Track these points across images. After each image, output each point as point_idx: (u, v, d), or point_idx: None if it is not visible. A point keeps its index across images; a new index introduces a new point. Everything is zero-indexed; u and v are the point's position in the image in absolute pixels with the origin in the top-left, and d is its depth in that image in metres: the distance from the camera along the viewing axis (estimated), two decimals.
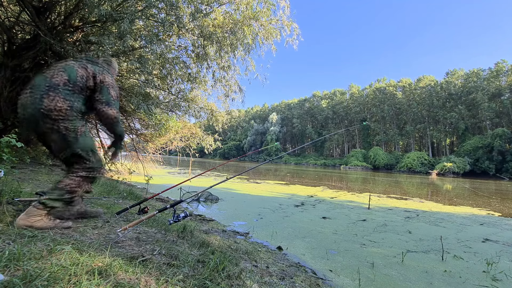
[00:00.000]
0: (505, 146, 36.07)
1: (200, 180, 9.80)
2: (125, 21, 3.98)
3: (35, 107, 1.52)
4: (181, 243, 1.87)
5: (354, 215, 5.18)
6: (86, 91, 1.72)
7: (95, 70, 1.75)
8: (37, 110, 1.52)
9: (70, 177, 1.65)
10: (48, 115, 1.53)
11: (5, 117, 4.60)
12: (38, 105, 1.52)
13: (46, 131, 1.57)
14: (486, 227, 4.81)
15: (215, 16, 5.49)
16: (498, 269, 2.66)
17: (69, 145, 1.63)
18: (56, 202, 1.60)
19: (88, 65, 1.76)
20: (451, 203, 8.19)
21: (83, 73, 1.70)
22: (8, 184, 2.40)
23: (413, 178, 24.39)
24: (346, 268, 2.47)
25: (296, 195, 7.88)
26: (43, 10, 4.45)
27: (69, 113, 1.60)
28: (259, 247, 2.75)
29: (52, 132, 1.58)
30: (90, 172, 1.71)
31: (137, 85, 6.13)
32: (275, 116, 77.33)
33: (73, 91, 1.64)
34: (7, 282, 0.88)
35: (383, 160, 47.61)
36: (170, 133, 8.91)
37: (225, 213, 4.66)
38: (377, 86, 60.93)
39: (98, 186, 4.09)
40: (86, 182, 1.72)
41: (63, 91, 1.59)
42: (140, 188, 6.02)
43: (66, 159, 1.70)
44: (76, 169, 1.68)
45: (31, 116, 1.53)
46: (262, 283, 1.62)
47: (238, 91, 6.88)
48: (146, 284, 1.10)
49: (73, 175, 1.66)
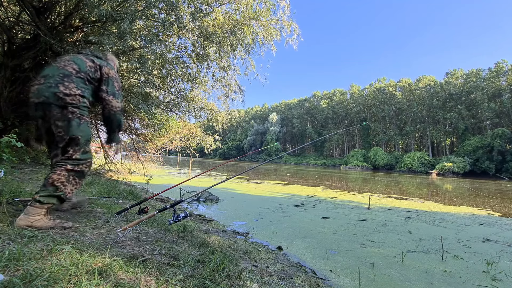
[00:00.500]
0: (505, 146, 36.07)
1: (200, 180, 9.80)
2: (125, 21, 3.98)
3: (52, 91, 1.61)
4: (181, 243, 1.87)
5: (354, 215, 5.18)
6: (94, 83, 1.82)
7: (101, 63, 1.87)
8: (53, 94, 1.61)
9: (57, 172, 1.62)
10: (63, 99, 1.62)
11: (5, 117, 4.60)
12: (54, 90, 1.61)
13: (55, 115, 1.63)
14: (486, 227, 4.81)
15: (215, 16, 5.49)
16: (498, 269, 2.66)
17: (70, 129, 1.66)
18: (51, 198, 1.59)
19: (94, 58, 1.87)
20: (451, 203, 8.19)
21: (91, 64, 1.81)
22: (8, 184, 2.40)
23: (413, 178, 24.39)
24: (346, 268, 2.47)
25: (296, 195, 7.88)
26: (43, 10, 4.45)
27: (81, 100, 1.70)
28: (259, 247, 2.75)
29: (61, 116, 1.64)
30: (76, 164, 1.67)
31: (137, 85, 6.13)
32: (275, 116, 77.33)
33: (83, 81, 1.75)
34: (7, 282, 0.88)
35: (383, 160, 47.61)
36: (170, 133, 8.91)
37: (225, 213, 4.66)
38: (377, 86, 60.93)
39: (98, 186, 4.09)
40: (74, 176, 1.67)
41: (76, 79, 1.70)
42: (140, 188, 6.02)
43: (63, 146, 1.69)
44: (61, 162, 1.65)
45: (46, 99, 1.60)
46: (262, 283, 1.62)
47: (238, 91, 6.88)
48: (146, 284, 1.10)
49: (58, 169, 1.63)
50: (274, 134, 72.10)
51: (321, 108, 68.97)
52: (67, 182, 1.63)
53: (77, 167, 1.68)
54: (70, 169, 1.65)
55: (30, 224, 1.50)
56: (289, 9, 5.70)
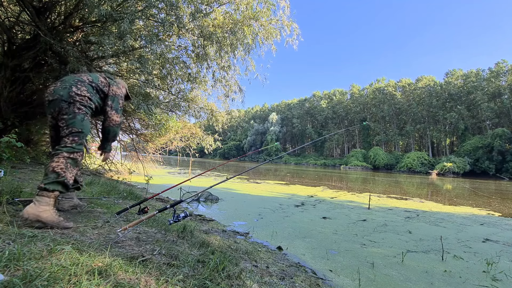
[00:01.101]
0: (505, 146, 36.07)
1: (200, 180, 9.80)
2: (125, 21, 3.97)
3: (67, 90, 1.88)
4: (181, 243, 1.87)
5: (354, 215, 5.18)
6: (101, 94, 2.12)
7: (110, 82, 2.20)
8: (67, 92, 1.87)
9: (55, 159, 1.75)
10: (73, 97, 1.88)
11: (5, 117, 4.60)
12: (68, 90, 1.89)
13: (64, 109, 1.85)
14: (486, 227, 4.81)
15: (215, 16, 5.48)
16: (498, 269, 2.66)
17: (74, 122, 1.85)
18: (56, 185, 1.70)
19: (106, 76, 2.23)
20: (451, 203, 8.19)
21: (103, 80, 2.16)
22: (8, 184, 2.40)
23: (413, 178, 24.39)
24: (346, 268, 2.47)
25: (296, 195, 7.88)
26: (43, 10, 4.44)
27: (88, 101, 1.97)
28: (259, 247, 2.75)
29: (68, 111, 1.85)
30: (71, 152, 1.81)
31: (137, 85, 6.12)
32: (275, 116, 77.32)
33: (93, 88, 2.05)
34: (7, 282, 0.88)
35: (383, 160, 47.61)
36: (170, 133, 8.90)
37: (225, 213, 4.66)
38: (377, 86, 60.92)
39: (98, 186, 4.09)
40: (70, 164, 1.80)
41: (87, 85, 2.00)
42: (140, 188, 6.02)
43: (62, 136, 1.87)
44: (58, 150, 1.79)
45: (59, 97, 1.85)
46: (262, 283, 1.62)
47: (238, 91, 6.87)
48: (146, 284, 1.10)
49: (55, 157, 1.76)
50: (274, 134, 72.10)
51: (321, 108, 68.96)
52: (66, 169, 1.75)
53: (72, 155, 1.81)
54: (67, 156, 1.78)
55: (38, 214, 1.57)
56: (289, 9, 5.70)
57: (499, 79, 44.73)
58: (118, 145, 9.75)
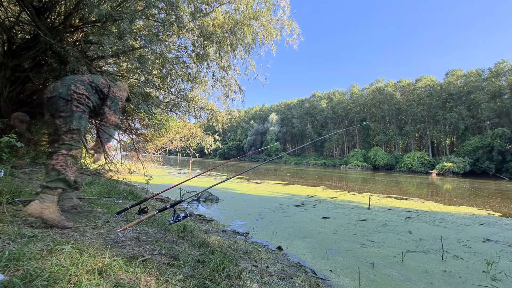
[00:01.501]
0: (505, 146, 36.04)
1: (200, 180, 9.80)
2: (125, 21, 3.98)
3: (67, 88, 1.93)
4: (181, 243, 1.87)
5: (354, 215, 5.18)
6: (100, 94, 2.18)
7: (111, 84, 2.27)
8: (66, 90, 1.92)
9: (54, 157, 1.80)
10: (71, 94, 1.92)
11: (5, 117, 4.60)
12: (68, 88, 1.94)
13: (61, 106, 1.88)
14: (486, 227, 4.80)
15: (215, 16, 5.48)
16: (498, 269, 2.66)
17: (72, 120, 1.89)
18: (58, 182, 1.73)
19: (107, 78, 2.29)
20: (451, 203, 8.19)
21: (103, 81, 2.22)
22: (8, 184, 2.40)
23: (413, 178, 24.39)
24: (346, 268, 2.47)
25: (296, 195, 7.88)
26: (43, 10, 4.44)
27: (86, 99, 2.02)
28: (259, 247, 2.75)
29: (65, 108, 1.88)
30: (70, 149, 1.86)
31: (137, 85, 6.12)
32: (275, 116, 77.29)
33: (92, 88, 2.11)
34: (7, 282, 0.88)
35: (383, 160, 47.59)
36: (170, 133, 8.90)
37: (225, 213, 4.66)
38: (377, 86, 60.90)
39: (98, 186, 4.09)
40: (70, 161, 1.83)
41: (87, 85, 2.06)
42: (140, 188, 6.02)
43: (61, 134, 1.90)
44: (57, 148, 1.85)
45: (58, 94, 1.89)
46: (262, 283, 1.62)
47: (238, 91, 6.87)
48: (146, 284, 1.10)
49: (55, 155, 1.81)
50: (274, 134, 72.07)
51: (321, 108, 68.90)
52: (66, 166, 1.79)
53: (71, 152, 1.86)
54: (65, 153, 1.82)
55: (41, 211, 1.61)
56: (289, 9, 5.70)
57: (499, 79, 44.69)
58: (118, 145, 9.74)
